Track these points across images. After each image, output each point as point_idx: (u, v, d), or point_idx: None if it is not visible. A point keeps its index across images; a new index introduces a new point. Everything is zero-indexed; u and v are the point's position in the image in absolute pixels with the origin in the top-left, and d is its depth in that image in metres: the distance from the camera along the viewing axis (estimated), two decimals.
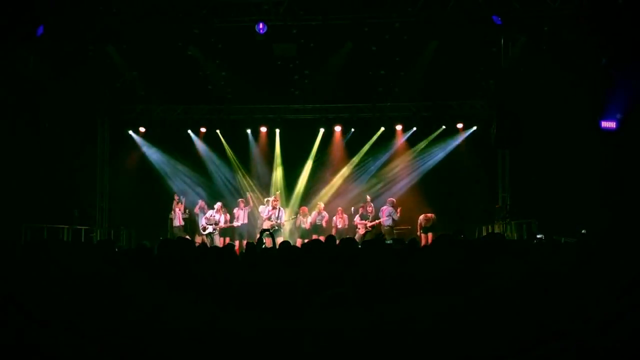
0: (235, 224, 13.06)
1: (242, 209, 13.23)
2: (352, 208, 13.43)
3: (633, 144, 10.71)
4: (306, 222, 13.17)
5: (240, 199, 13.59)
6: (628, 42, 10.31)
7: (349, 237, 9.41)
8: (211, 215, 12.93)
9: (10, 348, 2.39)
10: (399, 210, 12.84)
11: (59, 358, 2.40)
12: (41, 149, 12.08)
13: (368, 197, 13.27)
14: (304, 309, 2.44)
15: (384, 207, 13.03)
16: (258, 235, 11.42)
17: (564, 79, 11.14)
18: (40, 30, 10.75)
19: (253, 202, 13.71)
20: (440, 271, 3.37)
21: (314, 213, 13.15)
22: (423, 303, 2.60)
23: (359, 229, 12.83)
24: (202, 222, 13.03)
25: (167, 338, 2.47)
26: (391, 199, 13.16)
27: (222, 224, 12.88)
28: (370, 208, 13.04)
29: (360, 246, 4.93)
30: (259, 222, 13.33)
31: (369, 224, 12.83)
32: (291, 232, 13.32)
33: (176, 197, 13.43)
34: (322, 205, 13.31)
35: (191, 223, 13.57)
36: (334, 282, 3.08)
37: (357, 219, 13.04)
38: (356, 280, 3.22)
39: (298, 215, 13.40)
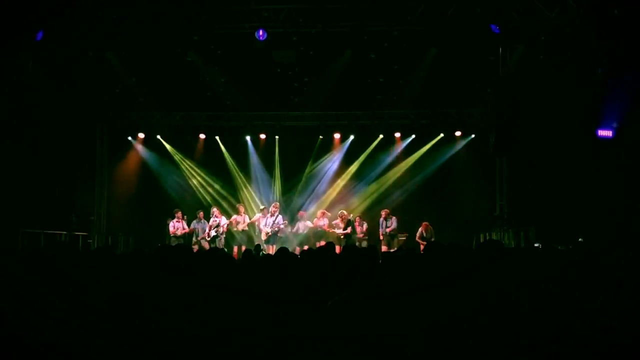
0: (235, 227, 13.03)
1: (241, 215, 13.21)
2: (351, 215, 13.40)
3: (629, 152, 10.78)
4: (305, 226, 13.08)
5: (239, 205, 13.56)
6: (624, 52, 10.40)
7: (350, 245, 9.36)
8: (213, 221, 12.89)
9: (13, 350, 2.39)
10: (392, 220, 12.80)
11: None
12: (40, 154, 12.07)
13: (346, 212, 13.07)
14: (312, 312, 2.44)
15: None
16: (255, 245, 11.41)
17: (561, 88, 11.22)
18: (40, 35, 10.78)
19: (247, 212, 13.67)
20: (440, 277, 3.38)
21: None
22: (423, 306, 2.60)
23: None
24: (206, 230, 12.94)
25: (175, 337, 2.47)
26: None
27: (224, 224, 12.82)
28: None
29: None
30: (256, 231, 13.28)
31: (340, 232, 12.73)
32: (289, 240, 13.13)
33: (180, 214, 13.10)
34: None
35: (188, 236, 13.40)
36: (336, 287, 3.09)
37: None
38: (361, 285, 3.23)
39: (297, 221, 13.28)
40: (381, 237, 12.65)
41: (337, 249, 8.17)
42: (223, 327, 2.47)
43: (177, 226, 12.84)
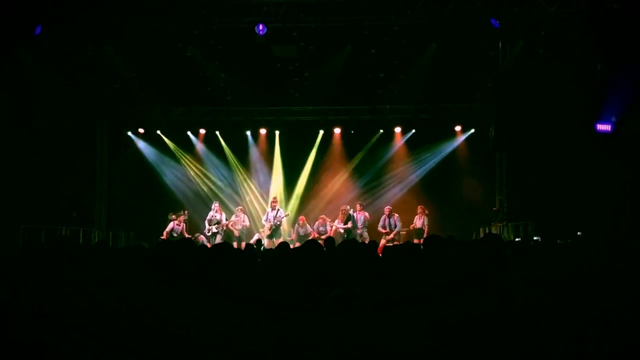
0: (235, 227, 12.98)
1: (239, 216, 13.10)
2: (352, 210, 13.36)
3: (628, 146, 10.81)
4: (305, 232, 12.77)
5: (239, 207, 13.41)
6: (623, 46, 10.40)
7: (350, 239, 9.36)
8: (212, 216, 12.88)
9: (14, 348, 2.40)
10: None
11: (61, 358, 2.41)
12: (40, 149, 12.07)
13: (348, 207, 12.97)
14: (312, 312, 2.42)
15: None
16: (256, 239, 11.39)
17: (561, 83, 11.22)
18: (38, 30, 10.74)
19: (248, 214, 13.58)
20: (442, 275, 3.36)
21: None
22: (426, 311, 2.56)
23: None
24: (205, 224, 12.94)
25: (168, 338, 2.46)
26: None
27: (224, 222, 12.81)
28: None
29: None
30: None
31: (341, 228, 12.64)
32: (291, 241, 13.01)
33: (182, 218, 12.91)
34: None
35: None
36: (337, 282, 3.08)
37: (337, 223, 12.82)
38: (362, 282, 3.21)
39: (296, 225, 13.04)
40: (382, 231, 12.58)
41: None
42: (216, 331, 2.45)
43: (175, 229, 12.70)
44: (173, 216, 13.49)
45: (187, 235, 12.33)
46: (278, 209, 12.89)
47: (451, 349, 2.24)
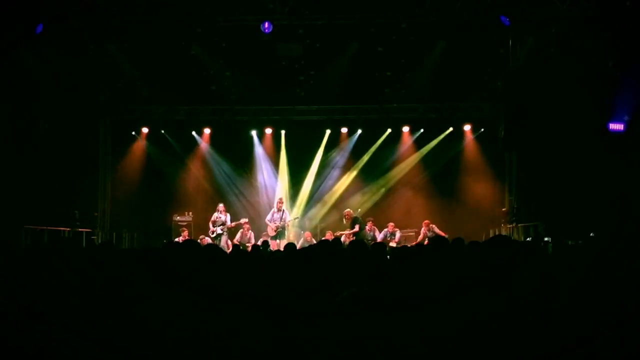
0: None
1: (245, 234, 12.77)
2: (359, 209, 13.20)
3: None
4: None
5: (244, 221, 12.92)
6: (635, 44, 10.28)
7: (358, 240, 9.21)
8: (217, 218, 12.71)
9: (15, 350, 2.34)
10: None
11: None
12: (42, 150, 11.99)
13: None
14: (320, 314, 2.34)
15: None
16: (261, 241, 11.25)
17: (572, 81, 11.09)
18: (40, 28, 10.67)
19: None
20: (449, 276, 3.26)
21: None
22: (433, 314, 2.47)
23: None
24: (209, 226, 12.80)
25: (170, 342, 2.38)
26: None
27: (229, 224, 12.64)
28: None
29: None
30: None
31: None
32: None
33: (186, 233, 12.80)
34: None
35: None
36: (347, 283, 2.97)
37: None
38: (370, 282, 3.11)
39: (302, 239, 12.78)
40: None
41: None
42: (222, 335, 2.36)
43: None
44: (178, 218, 13.40)
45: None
46: (283, 211, 12.74)
47: (459, 352, 2.19)
